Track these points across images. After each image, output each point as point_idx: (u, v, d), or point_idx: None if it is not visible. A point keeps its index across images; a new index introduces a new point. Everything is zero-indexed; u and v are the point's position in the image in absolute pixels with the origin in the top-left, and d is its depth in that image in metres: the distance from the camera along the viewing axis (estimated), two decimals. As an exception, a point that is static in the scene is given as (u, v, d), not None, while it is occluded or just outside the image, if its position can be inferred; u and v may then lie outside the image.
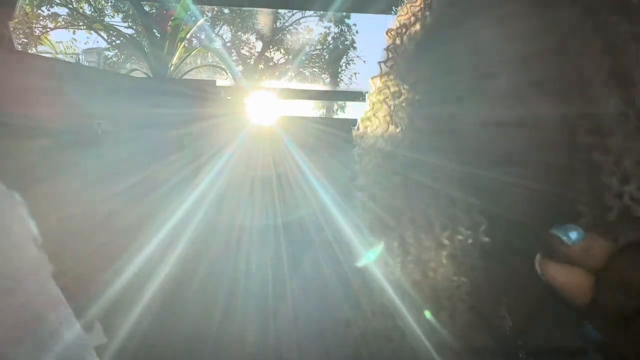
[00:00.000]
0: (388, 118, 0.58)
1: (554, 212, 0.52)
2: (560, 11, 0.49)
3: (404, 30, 0.58)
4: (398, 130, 0.57)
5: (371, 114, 0.61)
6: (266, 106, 1.49)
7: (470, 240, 0.52)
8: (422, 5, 0.57)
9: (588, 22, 0.48)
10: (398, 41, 0.58)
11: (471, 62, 0.51)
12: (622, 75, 0.48)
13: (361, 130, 0.62)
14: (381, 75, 0.60)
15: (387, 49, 0.60)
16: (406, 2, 0.59)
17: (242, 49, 11.57)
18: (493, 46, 0.50)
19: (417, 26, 0.56)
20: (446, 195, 0.54)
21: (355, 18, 11.17)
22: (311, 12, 10.18)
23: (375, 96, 0.60)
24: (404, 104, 0.57)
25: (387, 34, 0.60)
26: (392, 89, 0.59)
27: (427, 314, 0.55)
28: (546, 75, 0.49)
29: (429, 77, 0.55)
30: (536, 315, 0.56)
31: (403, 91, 0.57)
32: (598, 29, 0.48)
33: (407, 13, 0.58)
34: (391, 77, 0.59)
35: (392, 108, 0.58)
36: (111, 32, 8.70)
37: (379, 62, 0.60)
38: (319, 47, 11.50)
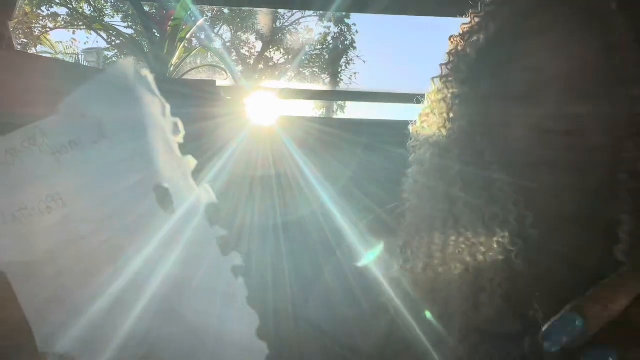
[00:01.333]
0: (445, 115, 0.63)
1: (595, 216, 0.54)
2: (605, 16, 0.52)
3: (467, 37, 0.62)
4: (455, 125, 0.61)
5: (429, 111, 0.65)
6: (266, 106, 1.49)
7: (516, 232, 0.56)
8: (486, 17, 0.61)
9: (632, 29, 0.51)
10: (460, 47, 0.63)
11: (526, 73, 0.55)
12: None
13: (418, 124, 0.66)
14: (441, 77, 0.64)
15: (449, 53, 0.64)
16: (470, 11, 0.63)
17: (242, 49, 11.58)
18: (545, 63, 0.54)
19: (481, 35, 0.61)
20: (498, 187, 0.57)
21: (355, 18, 11.17)
22: (311, 12, 10.18)
23: (435, 95, 0.65)
24: (462, 103, 0.62)
25: (450, 39, 0.65)
26: (451, 90, 0.63)
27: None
28: (590, 78, 0.51)
29: (487, 80, 0.60)
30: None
31: (462, 92, 0.62)
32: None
33: (471, 22, 0.63)
34: (450, 79, 0.63)
35: (450, 106, 0.62)
36: (111, 32, 8.69)
37: (441, 65, 0.65)
38: (318, 47, 11.50)
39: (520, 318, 0.57)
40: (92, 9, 9.60)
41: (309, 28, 11.54)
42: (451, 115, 0.62)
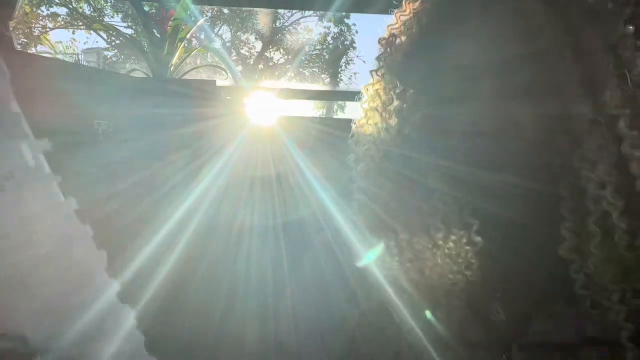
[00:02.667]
0: (380, 125, 0.61)
1: (546, 212, 0.53)
2: (535, 20, 0.50)
3: (392, 39, 0.60)
4: (390, 134, 0.59)
5: (364, 121, 0.63)
6: (266, 106, 1.49)
7: (463, 240, 0.54)
8: (410, 16, 0.58)
9: (561, 32, 0.50)
10: (388, 50, 0.60)
11: (456, 69, 0.53)
12: (593, 83, 0.49)
13: (356, 137, 0.64)
14: (373, 84, 0.62)
15: (378, 58, 0.62)
16: (396, 12, 0.60)
17: (242, 49, 11.57)
18: (473, 54, 0.52)
19: (406, 37, 0.59)
20: (438, 197, 0.55)
21: (355, 18, 11.17)
22: (311, 12, 10.18)
23: (369, 104, 0.63)
24: (394, 110, 0.59)
25: (378, 43, 0.62)
26: (383, 97, 0.61)
27: (427, 312, 0.56)
28: (523, 81, 0.50)
29: (418, 84, 0.57)
30: (530, 311, 0.57)
31: (394, 98, 0.60)
32: (571, 39, 0.50)
33: (396, 22, 0.60)
34: (382, 85, 0.61)
35: (383, 115, 0.60)
36: (111, 32, 8.70)
37: (370, 71, 0.63)
38: (318, 47, 11.50)
39: (483, 324, 0.57)
40: (91, 9, 9.60)
41: (309, 28, 11.54)
42: (385, 124, 0.60)
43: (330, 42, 11.48)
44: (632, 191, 0.48)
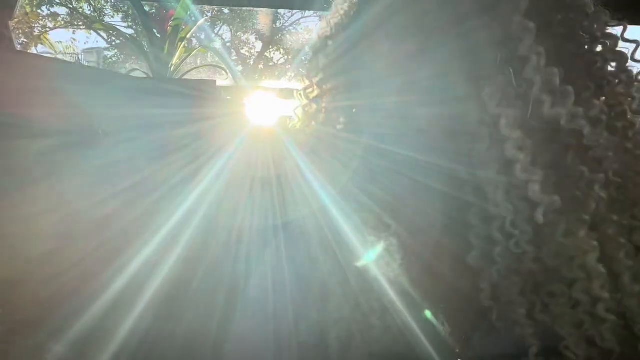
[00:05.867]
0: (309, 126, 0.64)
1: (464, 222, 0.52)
2: (427, 15, 0.49)
3: (321, 44, 0.62)
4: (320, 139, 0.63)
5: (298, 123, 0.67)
6: (266, 106, 1.49)
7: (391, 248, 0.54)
8: (335, 18, 0.60)
9: (452, 25, 0.48)
10: (313, 53, 0.63)
11: (362, 70, 0.54)
12: (479, 80, 0.47)
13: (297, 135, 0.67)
14: (303, 89, 0.66)
15: (308, 62, 0.65)
16: (325, 16, 0.62)
17: (242, 49, 11.57)
18: (376, 53, 0.53)
19: (329, 43, 0.60)
20: (367, 212, 0.56)
21: (355, 18, 11.14)
22: (311, 13, 10.16)
23: (300, 108, 0.67)
24: (322, 116, 0.62)
25: (310, 48, 0.65)
26: (304, 100, 0.65)
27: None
28: (419, 80, 0.49)
29: (336, 85, 0.60)
30: (474, 324, 0.55)
31: (311, 100, 0.63)
32: (461, 39, 0.48)
33: (326, 26, 0.61)
34: (307, 87, 0.65)
35: (311, 117, 0.64)
36: (111, 32, 8.70)
37: (300, 76, 0.67)
38: (318, 47, 11.47)
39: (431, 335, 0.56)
40: (92, 9, 9.59)
41: (309, 28, 11.53)
42: (314, 125, 0.62)
43: (331, 42, 11.46)
44: (522, 195, 0.46)
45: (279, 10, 10.33)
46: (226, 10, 10.74)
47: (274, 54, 11.72)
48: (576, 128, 0.45)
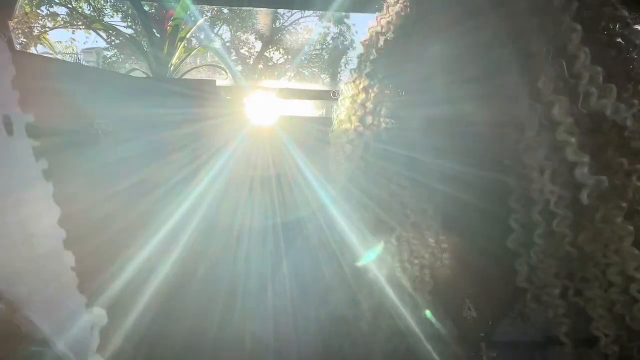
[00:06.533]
0: (357, 121, 0.63)
1: (506, 210, 0.54)
2: (483, 19, 0.52)
3: (372, 40, 0.63)
4: (367, 131, 0.62)
5: (344, 118, 0.66)
6: (266, 106, 1.49)
7: (431, 240, 0.57)
8: (388, 17, 0.62)
9: (506, 29, 0.51)
10: (366, 50, 0.63)
11: (415, 67, 0.56)
12: (531, 71, 0.50)
13: (336, 131, 0.67)
14: (353, 81, 0.65)
15: (358, 57, 0.65)
16: (377, 15, 0.63)
17: (242, 49, 11.57)
18: (429, 51, 0.55)
19: (381, 39, 0.62)
20: (408, 194, 0.58)
21: (355, 18, 11.17)
22: (311, 12, 10.18)
23: (349, 100, 0.65)
24: (370, 108, 0.62)
25: (361, 43, 0.65)
26: (359, 95, 0.64)
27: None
28: (471, 75, 0.52)
29: (383, 82, 0.61)
30: (501, 312, 0.59)
31: (366, 96, 0.62)
32: (514, 36, 0.51)
33: (377, 25, 0.63)
34: (358, 82, 0.64)
35: (360, 112, 0.63)
36: (111, 32, 8.69)
37: (350, 70, 0.66)
38: (318, 47, 11.50)
39: (455, 320, 0.58)
40: (91, 9, 9.59)
41: (309, 28, 11.54)
42: (362, 123, 0.62)
43: (330, 42, 11.48)
44: (569, 180, 0.49)
45: (279, 10, 10.34)
46: (226, 10, 10.75)
47: (273, 54, 11.72)
48: (620, 120, 0.49)
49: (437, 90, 0.53)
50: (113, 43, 9.71)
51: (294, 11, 10.46)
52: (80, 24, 9.18)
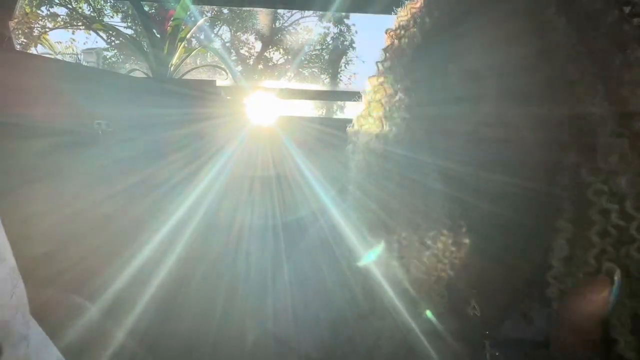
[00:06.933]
0: (383, 118, 0.59)
1: (535, 215, 0.54)
2: (545, 17, 0.50)
3: (402, 32, 0.59)
4: (392, 130, 0.58)
5: (367, 113, 0.62)
6: (266, 106, 1.48)
7: (450, 241, 0.55)
8: (422, 9, 0.57)
9: (571, 29, 0.49)
10: (396, 43, 0.59)
11: (464, 76, 0.52)
12: (606, 81, 0.49)
13: (356, 127, 0.63)
14: (378, 76, 0.61)
15: (385, 50, 0.60)
16: (407, 3, 0.59)
17: (242, 49, 11.57)
18: (483, 66, 0.51)
19: (416, 30, 0.57)
20: (434, 198, 0.56)
21: (355, 18, 11.18)
22: (310, 12, 10.18)
23: (372, 95, 0.61)
24: (398, 105, 0.58)
25: (386, 33, 0.61)
26: (387, 90, 0.60)
27: (427, 312, 0.56)
28: (530, 80, 0.49)
29: (424, 81, 0.56)
30: (505, 310, 0.58)
31: (399, 93, 0.58)
32: (582, 37, 0.49)
33: (406, 14, 0.59)
34: (388, 77, 0.60)
35: (387, 108, 0.59)
36: (110, 32, 8.69)
37: (377, 62, 0.61)
38: (318, 47, 11.49)
39: (459, 317, 0.57)
40: (91, 9, 9.58)
41: (309, 28, 11.54)
42: (388, 119, 0.59)
43: (330, 42, 11.48)
44: None
45: (279, 10, 10.34)
46: (226, 10, 10.75)
47: (273, 54, 11.73)
48: None
49: (488, 97, 0.50)
50: (113, 43, 9.70)
51: (294, 11, 10.46)
52: (80, 24, 9.18)
